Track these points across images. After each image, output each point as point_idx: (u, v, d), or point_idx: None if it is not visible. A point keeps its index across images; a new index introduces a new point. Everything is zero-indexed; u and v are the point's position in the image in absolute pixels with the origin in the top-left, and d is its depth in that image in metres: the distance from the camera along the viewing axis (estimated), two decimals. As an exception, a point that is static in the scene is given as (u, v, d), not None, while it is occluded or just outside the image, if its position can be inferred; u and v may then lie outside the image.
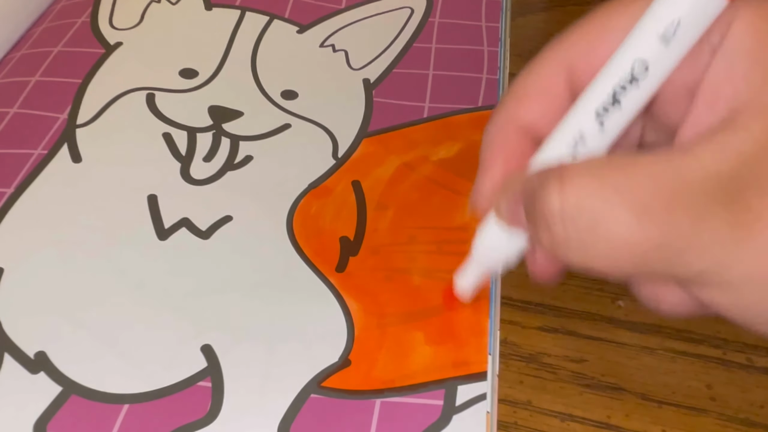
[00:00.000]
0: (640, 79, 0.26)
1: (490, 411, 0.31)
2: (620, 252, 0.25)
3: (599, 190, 0.25)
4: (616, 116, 0.27)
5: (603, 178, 0.25)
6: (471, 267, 0.32)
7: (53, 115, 0.43)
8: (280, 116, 0.43)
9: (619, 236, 0.24)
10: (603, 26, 0.29)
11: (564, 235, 0.25)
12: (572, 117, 0.28)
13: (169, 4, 0.50)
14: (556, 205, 0.25)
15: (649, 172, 0.24)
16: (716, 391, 0.33)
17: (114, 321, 0.34)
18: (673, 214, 0.24)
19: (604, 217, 0.24)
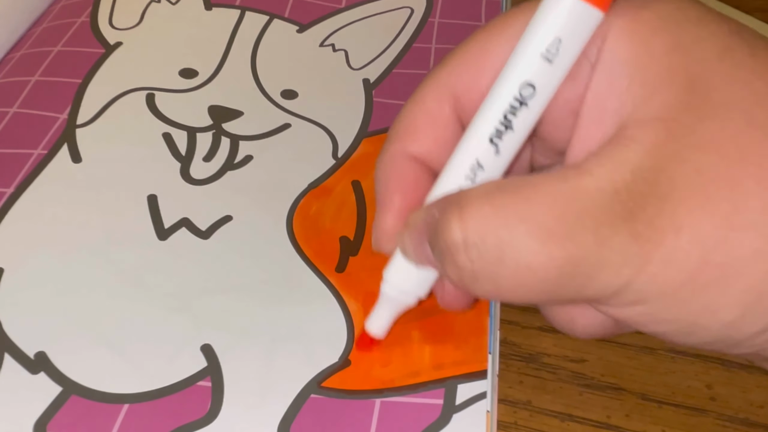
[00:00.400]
0: (528, 100, 0.26)
1: (490, 410, 0.31)
2: (530, 280, 0.24)
3: (501, 219, 0.24)
4: (510, 139, 0.27)
5: (503, 206, 0.24)
6: (381, 309, 0.32)
7: (53, 114, 0.43)
8: (280, 116, 0.43)
9: (526, 265, 0.24)
10: (483, 50, 0.28)
11: (470, 267, 0.25)
12: (465, 145, 0.27)
13: (169, 4, 0.50)
14: (458, 236, 0.25)
15: (547, 195, 0.24)
16: (716, 391, 0.33)
17: (114, 321, 0.34)
18: (576, 236, 0.23)
19: (510, 247, 0.24)
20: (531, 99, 0.26)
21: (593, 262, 0.23)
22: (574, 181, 0.24)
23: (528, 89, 0.26)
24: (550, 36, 0.25)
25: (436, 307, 0.34)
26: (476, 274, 0.25)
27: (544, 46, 0.25)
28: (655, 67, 0.25)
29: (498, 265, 0.24)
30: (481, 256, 0.25)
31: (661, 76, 0.25)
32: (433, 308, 0.34)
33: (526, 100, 0.26)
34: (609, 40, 0.25)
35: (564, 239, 0.23)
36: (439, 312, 0.34)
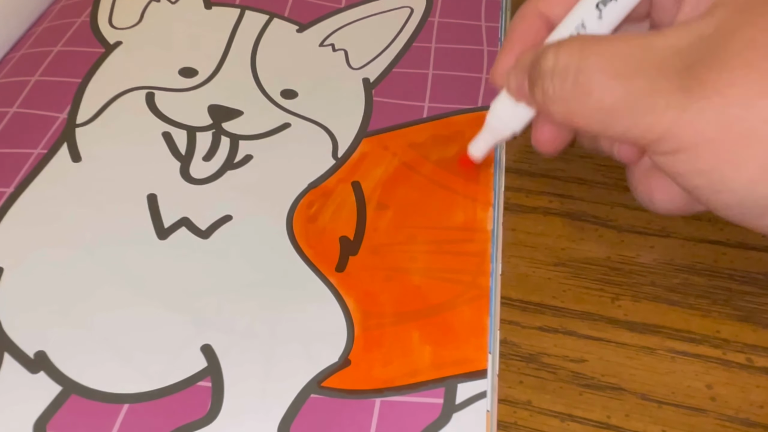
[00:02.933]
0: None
1: (489, 410, 0.31)
2: (591, 106, 0.29)
3: (585, 55, 0.29)
4: (613, 8, 0.32)
5: (590, 46, 0.29)
6: (484, 135, 0.37)
7: (53, 114, 0.43)
8: (280, 115, 0.43)
9: (590, 92, 0.29)
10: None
11: (552, 90, 0.30)
12: (577, 7, 0.33)
13: (169, 3, 0.50)
14: (549, 64, 0.30)
15: (625, 44, 0.29)
16: (716, 391, 0.33)
17: (114, 320, 0.34)
18: (635, 79, 0.28)
19: (585, 77, 0.29)
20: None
21: (644, 101, 0.28)
22: (650, 38, 0.29)
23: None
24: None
25: (436, 308, 0.34)
26: (555, 96, 0.30)
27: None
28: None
29: (572, 90, 0.30)
30: (562, 81, 0.30)
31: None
32: (434, 309, 0.34)
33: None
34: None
35: (624, 79, 0.28)
36: (440, 312, 0.34)
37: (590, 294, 0.36)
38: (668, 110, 0.27)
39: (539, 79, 0.31)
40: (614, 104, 0.28)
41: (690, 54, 0.28)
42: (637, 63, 0.28)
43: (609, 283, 0.36)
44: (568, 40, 0.31)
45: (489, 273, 0.35)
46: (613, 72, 0.28)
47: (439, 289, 0.35)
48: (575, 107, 0.30)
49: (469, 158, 0.38)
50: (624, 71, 0.28)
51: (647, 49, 0.28)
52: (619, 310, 0.35)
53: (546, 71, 0.31)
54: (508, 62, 0.35)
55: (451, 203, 0.38)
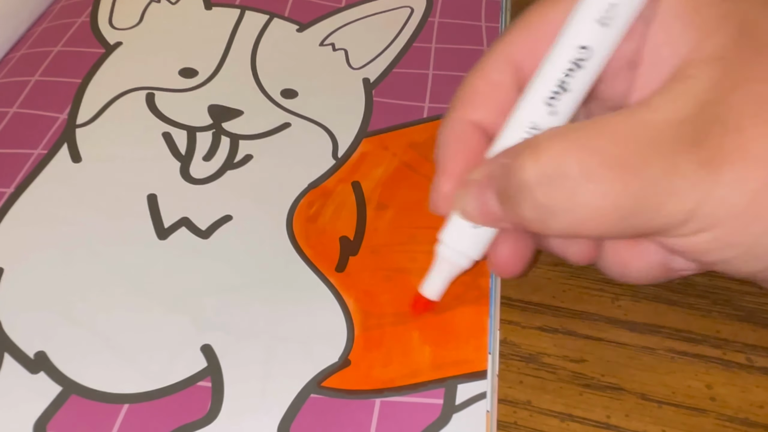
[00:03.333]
0: (584, 62, 0.28)
1: (489, 410, 0.31)
2: (605, 210, 0.26)
3: (574, 152, 0.26)
4: (566, 100, 0.28)
5: (576, 140, 0.26)
6: (438, 270, 0.33)
7: (53, 114, 0.43)
8: (280, 115, 0.43)
9: (601, 195, 0.25)
10: (542, 19, 0.30)
11: (546, 201, 0.26)
12: (522, 107, 0.29)
13: (169, 4, 0.50)
14: (534, 171, 0.26)
15: (618, 128, 0.26)
16: (716, 391, 0.33)
17: (114, 321, 0.34)
18: (648, 165, 0.25)
19: (584, 178, 0.25)
20: (587, 61, 0.28)
21: (664, 188, 0.25)
22: (641, 114, 0.26)
23: (584, 52, 0.27)
24: (603, 2, 0.27)
25: (436, 307, 0.34)
26: (554, 208, 0.26)
27: (598, 12, 0.27)
28: (707, 13, 0.27)
29: (573, 196, 0.26)
30: (557, 189, 0.26)
31: (714, 21, 0.26)
32: (434, 308, 0.34)
33: (581, 63, 0.28)
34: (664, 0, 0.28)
35: (636, 168, 0.25)
36: (439, 312, 0.34)
37: (590, 294, 0.36)
38: (693, 191, 0.25)
39: (522, 193, 0.27)
40: (633, 202, 0.25)
41: (695, 125, 0.25)
42: (642, 146, 0.25)
43: (609, 283, 0.36)
44: (543, 140, 0.26)
45: (489, 273, 0.35)
46: (619, 164, 0.25)
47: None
48: (580, 216, 0.26)
49: (423, 300, 0.34)
50: (631, 160, 0.25)
51: (645, 128, 0.25)
52: (619, 310, 0.35)
53: (530, 183, 0.26)
54: (450, 184, 0.31)
55: (451, 203, 0.38)
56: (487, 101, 0.31)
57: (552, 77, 0.28)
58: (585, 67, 0.28)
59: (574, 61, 0.28)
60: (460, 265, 0.32)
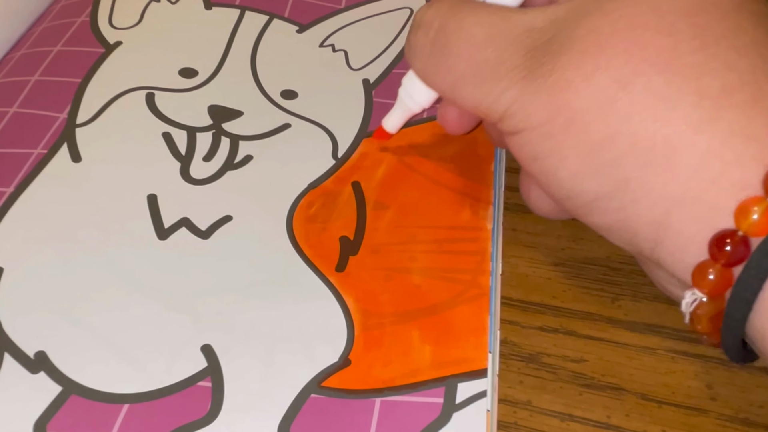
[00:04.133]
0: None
1: (490, 410, 0.31)
2: (445, 69, 0.29)
3: (452, 13, 0.29)
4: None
5: (457, 7, 0.29)
6: (396, 109, 0.37)
7: (53, 114, 0.43)
8: (280, 116, 0.43)
9: (448, 54, 0.29)
10: None
11: (414, 42, 0.31)
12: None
13: (169, 4, 0.50)
14: (419, 16, 0.31)
15: (487, 13, 0.29)
16: (716, 391, 0.33)
17: (114, 321, 0.34)
18: (487, 48, 0.28)
19: (444, 35, 0.29)
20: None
21: (490, 72, 0.28)
22: (511, 12, 0.29)
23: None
24: None
25: (436, 307, 0.34)
26: (416, 49, 0.31)
27: None
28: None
29: (431, 46, 0.30)
30: (424, 34, 0.30)
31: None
32: (434, 308, 0.34)
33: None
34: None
35: (478, 46, 0.28)
36: (440, 311, 0.34)
37: (590, 294, 0.36)
38: (510, 87, 0.27)
39: (410, 29, 0.31)
40: (464, 70, 0.29)
41: (541, 34, 0.27)
42: (493, 33, 0.28)
43: (609, 283, 0.36)
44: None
45: (489, 272, 0.35)
46: (469, 37, 0.29)
47: (439, 289, 0.35)
48: (430, 65, 0.30)
49: (383, 131, 0.38)
50: (479, 39, 0.28)
51: (506, 22, 0.28)
52: (619, 310, 0.36)
53: (415, 22, 0.31)
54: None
55: (451, 202, 0.38)
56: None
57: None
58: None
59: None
60: (413, 108, 0.36)
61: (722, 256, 0.25)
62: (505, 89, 0.28)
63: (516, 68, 0.27)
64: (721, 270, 0.25)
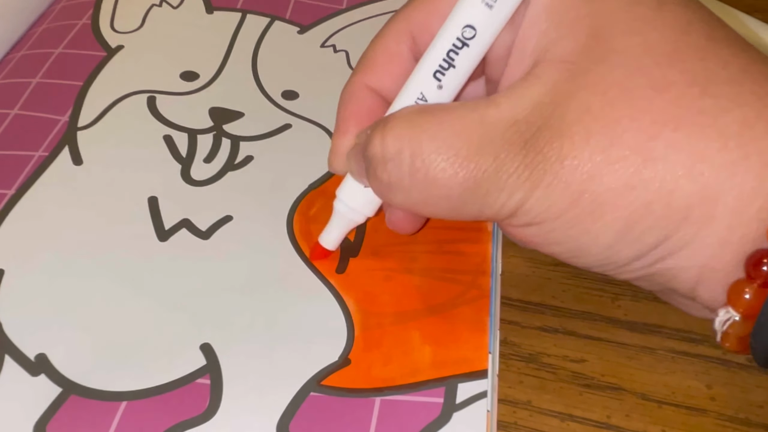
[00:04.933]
0: (470, 41, 0.29)
1: (490, 410, 0.31)
2: (437, 194, 0.28)
3: (417, 135, 0.28)
4: (452, 76, 0.30)
5: (419, 125, 0.28)
6: (334, 224, 0.35)
7: (54, 117, 0.43)
8: (281, 116, 0.43)
9: (434, 179, 0.27)
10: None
11: (386, 179, 0.29)
12: (413, 79, 0.31)
13: (171, 8, 0.50)
14: (378, 150, 0.29)
15: (458, 120, 0.27)
16: (716, 391, 0.33)
17: (115, 322, 0.34)
18: (479, 159, 0.27)
19: (421, 162, 0.27)
20: (472, 40, 0.29)
21: (492, 183, 0.27)
22: (482, 110, 0.27)
23: (469, 31, 0.29)
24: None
25: (436, 308, 0.34)
26: (391, 186, 0.29)
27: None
28: (568, 13, 0.27)
29: (410, 177, 0.28)
30: (396, 168, 0.28)
31: (571, 22, 0.27)
32: (434, 308, 0.34)
33: (467, 41, 0.29)
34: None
35: (468, 160, 0.27)
36: (440, 312, 0.34)
37: (590, 294, 0.36)
38: (516, 190, 0.27)
39: (370, 167, 0.29)
40: (462, 190, 0.27)
41: (528, 126, 0.26)
42: (476, 140, 0.27)
43: (609, 283, 0.36)
44: (393, 118, 0.29)
45: (489, 273, 0.35)
46: (453, 153, 0.27)
47: (440, 289, 0.35)
48: (418, 196, 0.28)
49: (322, 248, 0.36)
50: (464, 152, 0.27)
51: (484, 124, 0.27)
52: (619, 310, 0.35)
53: (376, 157, 0.29)
54: (344, 144, 0.33)
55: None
56: (385, 68, 0.33)
57: (440, 52, 0.30)
58: (471, 45, 0.29)
59: (461, 39, 0.29)
60: (355, 220, 0.35)
61: (759, 275, 0.25)
62: (512, 194, 0.27)
63: (516, 171, 0.26)
64: (758, 290, 0.25)
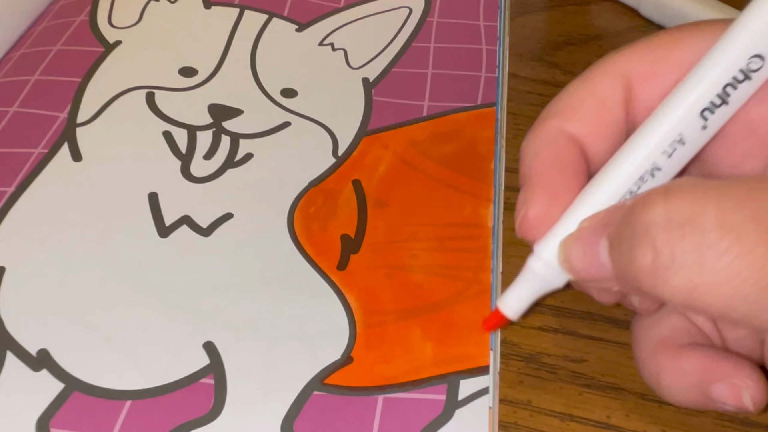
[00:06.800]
0: (754, 75, 0.24)
1: (492, 407, 0.31)
2: (738, 276, 0.21)
3: (712, 200, 0.22)
4: (721, 114, 0.24)
5: (714, 188, 0.22)
6: (525, 286, 0.28)
7: (53, 114, 0.43)
8: (280, 114, 0.43)
9: (740, 255, 0.21)
10: (672, 43, 0.26)
11: (669, 250, 0.22)
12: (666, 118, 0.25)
13: (168, 3, 0.50)
14: (662, 211, 0.22)
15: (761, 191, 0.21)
16: (716, 390, 0.33)
17: (115, 318, 0.34)
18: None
19: (723, 229, 0.21)
20: (757, 72, 0.24)
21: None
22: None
23: (757, 62, 0.24)
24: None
25: (438, 304, 0.34)
26: (675, 259, 0.22)
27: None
28: None
29: (704, 250, 0.21)
30: (686, 237, 0.21)
31: None
32: (435, 305, 0.34)
33: (751, 74, 0.24)
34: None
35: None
36: (441, 309, 0.34)
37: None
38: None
39: (644, 235, 0.22)
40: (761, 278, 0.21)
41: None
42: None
43: (609, 283, 0.36)
44: (676, 184, 0.23)
45: (490, 269, 0.36)
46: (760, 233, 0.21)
47: (441, 286, 0.35)
48: (705, 278, 0.21)
49: (501, 317, 0.29)
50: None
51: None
52: (619, 310, 0.36)
53: (653, 222, 0.22)
54: (541, 206, 0.26)
55: (452, 200, 0.39)
56: (591, 113, 0.27)
57: (715, 86, 0.24)
58: (753, 78, 0.24)
59: (744, 71, 0.24)
60: (555, 284, 0.28)
61: None
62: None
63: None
64: None
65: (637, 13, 0.50)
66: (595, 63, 0.28)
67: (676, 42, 0.26)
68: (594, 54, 0.48)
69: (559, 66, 0.48)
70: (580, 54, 0.48)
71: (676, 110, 0.25)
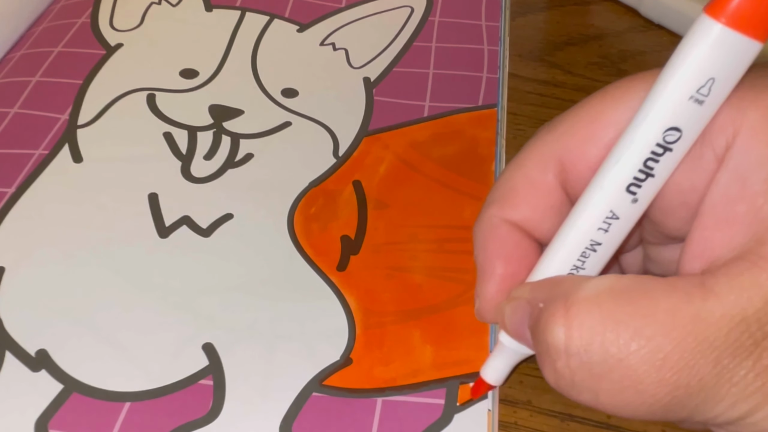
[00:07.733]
0: (673, 146, 0.24)
1: (491, 409, 0.31)
2: (635, 400, 0.22)
3: (611, 332, 0.22)
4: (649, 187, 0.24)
5: (615, 317, 0.22)
6: (500, 356, 0.29)
7: (54, 115, 0.43)
8: (281, 114, 0.43)
9: (633, 387, 0.22)
10: (596, 117, 0.26)
11: (569, 376, 0.23)
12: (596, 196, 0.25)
13: (170, 6, 0.50)
14: (561, 340, 0.23)
15: (667, 315, 0.22)
16: (717, 389, 0.33)
17: (115, 319, 0.34)
18: (695, 366, 0.22)
19: (618, 365, 0.22)
20: (675, 143, 0.24)
21: (710, 392, 0.22)
22: (699, 303, 0.22)
23: (673, 134, 0.23)
24: (702, 75, 0.23)
25: (437, 306, 0.34)
26: (575, 384, 0.23)
27: (695, 86, 0.23)
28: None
29: (601, 380, 0.22)
30: (583, 366, 0.23)
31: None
32: (435, 308, 0.34)
33: (670, 146, 0.24)
34: (742, 135, 0.23)
35: (681, 368, 0.22)
36: (441, 311, 0.34)
37: (591, 293, 0.36)
38: (743, 401, 0.22)
39: (546, 355, 0.24)
40: (669, 399, 0.22)
41: (759, 326, 0.21)
42: (691, 342, 0.21)
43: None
44: (580, 302, 0.23)
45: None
46: (660, 357, 0.22)
47: (440, 288, 0.35)
48: (608, 400, 0.23)
49: (485, 384, 0.30)
50: (675, 357, 0.22)
51: (701, 321, 0.22)
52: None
53: (555, 350, 0.23)
54: (492, 291, 0.28)
55: (452, 202, 0.38)
56: (526, 200, 0.27)
57: (635, 162, 0.24)
58: (674, 149, 0.24)
59: (662, 144, 0.24)
60: (524, 353, 0.29)
61: None
62: (734, 405, 0.22)
63: (744, 379, 0.22)
64: None
65: (637, 13, 0.50)
66: (526, 144, 0.28)
67: (602, 114, 0.26)
68: (594, 54, 0.47)
69: (559, 66, 0.47)
70: (580, 54, 0.48)
71: (602, 189, 0.25)
